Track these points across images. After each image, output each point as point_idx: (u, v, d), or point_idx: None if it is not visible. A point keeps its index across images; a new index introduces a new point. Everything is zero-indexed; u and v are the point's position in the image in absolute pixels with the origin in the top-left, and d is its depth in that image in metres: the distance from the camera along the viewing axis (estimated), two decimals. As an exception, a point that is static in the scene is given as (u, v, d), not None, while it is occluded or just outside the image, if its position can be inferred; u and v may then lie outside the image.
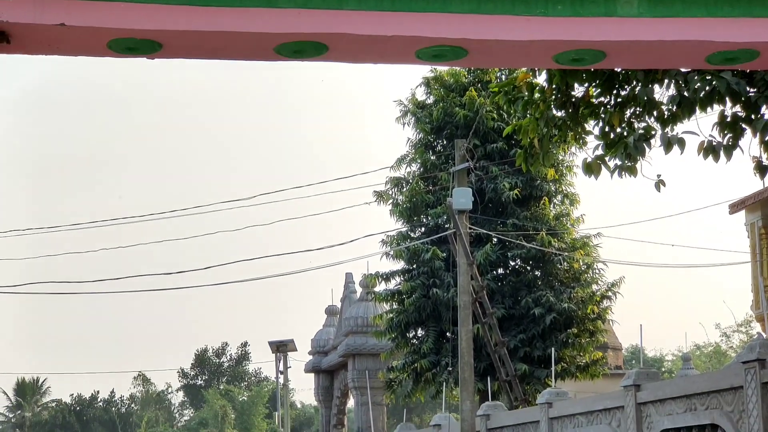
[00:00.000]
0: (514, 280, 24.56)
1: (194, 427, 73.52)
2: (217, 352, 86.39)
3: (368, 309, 28.64)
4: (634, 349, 58.66)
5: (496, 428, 19.50)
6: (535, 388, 23.06)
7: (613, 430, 15.13)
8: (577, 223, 25.12)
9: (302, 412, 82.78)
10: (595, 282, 24.73)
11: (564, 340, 23.83)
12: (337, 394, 32.29)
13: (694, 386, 13.23)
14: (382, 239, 25.32)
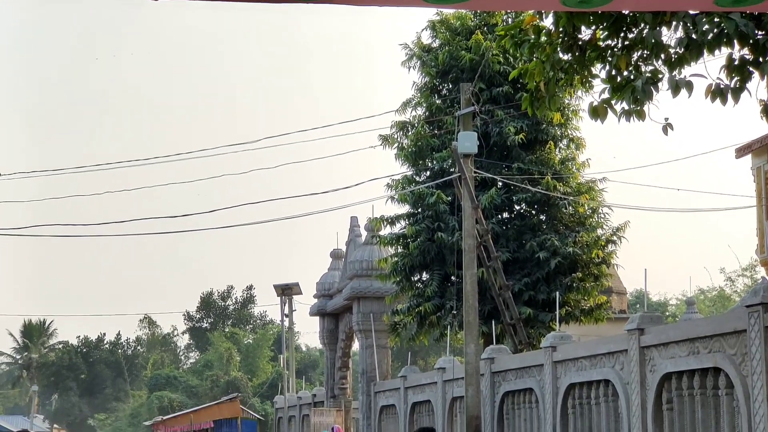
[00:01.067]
0: (519, 224, 24.58)
1: (200, 370, 74.09)
2: (222, 295, 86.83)
3: (373, 252, 28.70)
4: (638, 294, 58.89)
5: (500, 371, 19.63)
6: (539, 331, 23.17)
7: (617, 373, 15.23)
8: (582, 167, 25.07)
9: (307, 354, 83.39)
10: (600, 226, 24.74)
11: (568, 284, 23.90)
12: (341, 336, 32.46)
13: (698, 330, 13.29)
14: (387, 183, 25.34)
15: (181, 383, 72.40)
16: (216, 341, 74.68)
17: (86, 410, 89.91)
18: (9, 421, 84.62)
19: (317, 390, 35.97)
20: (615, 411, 15.48)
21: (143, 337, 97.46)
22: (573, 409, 16.77)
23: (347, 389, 32.79)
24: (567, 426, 16.87)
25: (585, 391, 16.40)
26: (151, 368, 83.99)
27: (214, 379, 69.68)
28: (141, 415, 71.24)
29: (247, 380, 69.85)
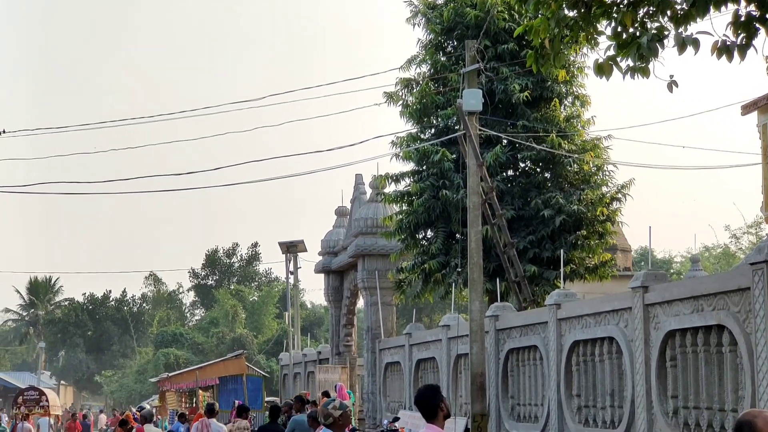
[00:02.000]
0: (524, 182, 24.57)
1: (205, 327, 74.39)
2: (227, 253, 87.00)
3: (378, 210, 28.72)
4: (643, 251, 58.91)
5: (505, 329, 19.71)
6: (543, 289, 23.23)
7: (621, 330, 15.28)
8: (587, 124, 25.01)
9: (312, 312, 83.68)
10: (605, 184, 24.72)
11: (573, 241, 23.92)
12: (346, 294, 32.56)
13: (702, 287, 13.31)
14: (392, 141, 25.31)
15: (187, 340, 72.74)
16: (221, 298, 74.92)
17: (93, 367, 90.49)
18: (16, 377, 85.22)
19: (322, 347, 36.14)
20: (619, 368, 15.55)
21: (149, 295, 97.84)
22: (577, 366, 16.84)
23: (352, 346, 32.95)
24: (571, 383, 16.96)
25: (589, 349, 16.46)
26: (157, 325, 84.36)
27: (220, 336, 69.99)
28: (147, 372, 71.67)
29: (252, 337, 70.16)
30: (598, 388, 16.21)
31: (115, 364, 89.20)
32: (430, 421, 8.80)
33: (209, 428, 18.01)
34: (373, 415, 28.31)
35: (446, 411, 8.84)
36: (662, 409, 14.10)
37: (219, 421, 28.45)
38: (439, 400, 8.79)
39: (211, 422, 18.27)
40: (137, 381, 76.45)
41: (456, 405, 21.70)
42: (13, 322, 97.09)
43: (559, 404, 17.14)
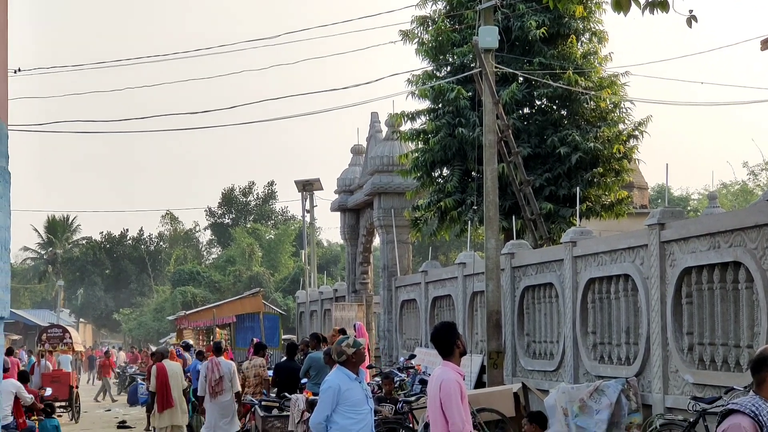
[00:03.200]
0: (540, 119, 24.46)
1: (222, 265, 74.79)
2: (244, 191, 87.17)
3: (394, 148, 28.68)
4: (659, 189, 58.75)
5: (521, 266, 19.75)
6: (559, 226, 23.23)
7: (636, 268, 15.29)
8: (604, 61, 24.82)
9: (328, 250, 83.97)
10: (622, 121, 24.59)
11: (589, 179, 23.86)
12: (362, 232, 32.64)
13: (719, 224, 13.28)
14: (407, 79, 25.21)
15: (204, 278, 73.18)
16: (238, 237, 75.22)
17: (111, 305, 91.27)
18: (36, 315, 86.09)
19: (338, 285, 36.32)
20: (634, 305, 15.59)
21: (166, 233, 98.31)
22: (593, 303, 16.89)
23: (368, 284, 33.10)
24: (586, 320, 17.02)
25: (605, 286, 16.49)
26: (174, 264, 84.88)
27: (237, 274, 70.38)
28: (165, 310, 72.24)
29: (269, 275, 70.53)
30: (614, 325, 16.27)
31: (133, 303, 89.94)
32: (446, 358, 8.87)
33: (219, 366, 18.12)
34: (389, 353, 28.52)
35: (462, 348, 8.91)
36: (677, 345, 14.16)
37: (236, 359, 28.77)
38: (455, 337, 8.85)
39: (220, 360, 18.37)
40: (155, 319, 77.10)
41: (472, 342, 21.83)
42: (32, 260, 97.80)
43: (575, 341, 17.22)
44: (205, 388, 18.04)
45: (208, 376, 18.09)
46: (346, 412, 9.51)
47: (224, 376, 17.95)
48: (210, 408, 18.02)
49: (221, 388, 17.94)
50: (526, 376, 19.05)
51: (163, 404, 18.91)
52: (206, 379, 18.08)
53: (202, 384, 18.11)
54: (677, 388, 14.11)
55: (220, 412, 17.98)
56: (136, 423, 27.86)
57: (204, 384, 18.10)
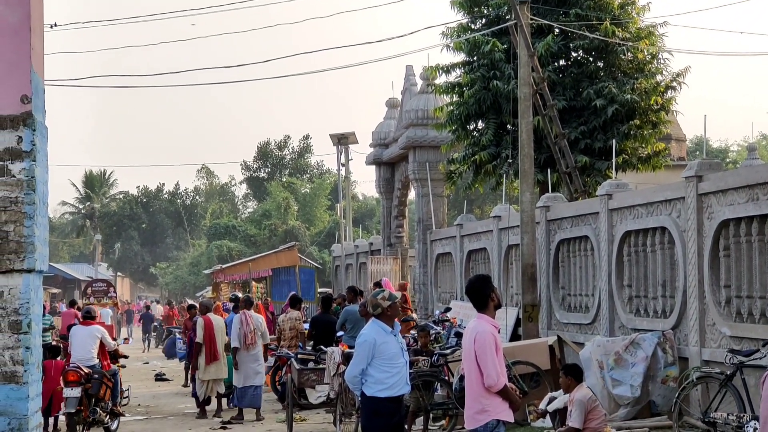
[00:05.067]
0: (576, 72, 24.25)
1: (257, 219, 75.05)
2: (279, 145, 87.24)
3: (428, 101, 28.58)
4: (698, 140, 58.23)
5: (556, 219, 19.68)
6: (595, 179, 23.10)
7: (673, 221, 15.20)
8: (642, 11, 24.53)
9: (364, 203, 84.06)
10: (660, 72, 24.32)
11: (626, 131, 23.66)
12: (397, 185, 32.63)
13: (758, 176, 13.15)
14: (442, 31, 25.07)
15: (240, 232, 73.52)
16: (273, 191, 75.40)
17: (148, 259, 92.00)
18: (75, 268, 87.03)
19: (374, 239, 36.41)
20: (671, 258, 15.51)
21: (201, 187, 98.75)
22: (628, 256, 16.82)
23: (404, 237, 33.14)
24: (622, 273, 16.96)
25: (641, 239, 16.41)
26: (210, 218, 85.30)
27: (272, 228, 70.63)
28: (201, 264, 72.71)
29: (304, 229, 70.74)
30: (650, 279, 16.20)
31: (169, 257, 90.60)
32: (481, 311, 8.87)
33: (251, 319, 18.67)
34: (425, 306, 28.60)
35: (497, 301, 8.90)
36: (714, 299, 14.09)
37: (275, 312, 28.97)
38: (489, 290, 8.85)
39: (252, 313, 18.92)
40: (191, 273, 77.64)
41: (507, 296, 21.84)
42: (70, 215, 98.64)
43: (610, 294, 17.18)
44: (240, 340, 18.45)
45: (243, 328, 18.49)
46: (381, 365, 9.55)
47: (256, 329, 18.55)
48: (243, 359, 18.50)
49: (253, 340, 18.51)
50: (562, 329, 19.06)
51: (210, 357, 19.15)
52: (240, 332, 18.48)
53: (237, 335, 18.52)
54: (714, 341, 14.06)
55: (252, 362, 18.54)
56: (173, 376, 28.18)
57: (240, 336, 18.47)
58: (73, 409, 15.58)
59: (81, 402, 15.77)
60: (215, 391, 19.54)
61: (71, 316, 26.98)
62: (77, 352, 16.47)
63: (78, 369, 15.88)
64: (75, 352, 16.52)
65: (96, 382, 16.10)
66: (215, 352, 19.23)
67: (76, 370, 15.82)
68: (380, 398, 9.57)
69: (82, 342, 16.51)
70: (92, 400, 16.04)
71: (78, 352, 16.44)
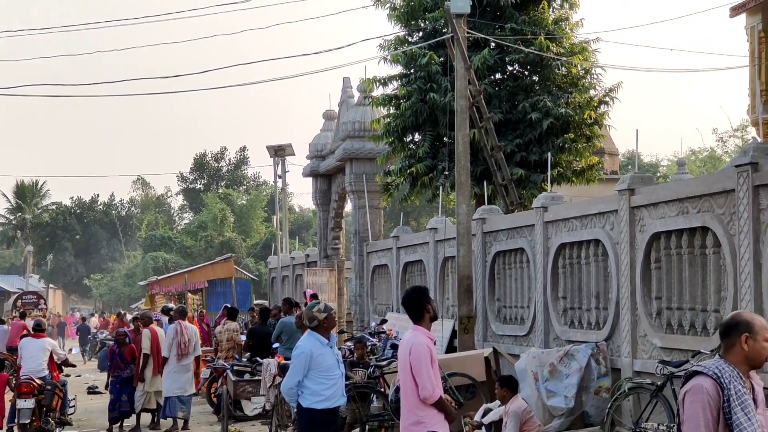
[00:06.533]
0: (512, 85, 24.48)
1: (194, 230, 74.58)
2: (215, 157, 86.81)
3: (365, 113, 28.62)
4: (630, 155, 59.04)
5: (492, 232, 19.82)
6: (530, 192, 23.31)
7: (607, 233, 15.40)
8: (576, 27, 24.85)
9: (300, 215, 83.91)
10: (593, 87, 24.65)
11: (560, 144, 23.93)
12: (334, 197, 32.62)
13: (687, 190, 13.38)
14: (379, 44, 25.15)
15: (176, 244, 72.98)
16: (210, 202, 74.98)
17: (82, 270, 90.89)
18: (5, 280, 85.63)
19: (310, 250, 36.34)
20: (604, 270, 15.70)
21: (137, 199, 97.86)
22: (563, 268, 17.00)
23: (340, 249, 33.13)
24: (557, 285, 17.14)
25: (575, 251, 16.60)
26: (146, 229, 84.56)
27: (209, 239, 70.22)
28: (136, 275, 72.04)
29: (241, 241, 70.42)
30: (584, 290, 16.39)
31: (103, 268, 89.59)
32: (417, 322, 8.92)
33: (186, 330, 18.65)
34: (361, 318, 28.61)
35: (433, 313, 8.95)
36: (646, 310, 14.29)
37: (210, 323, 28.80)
38: (426, 302, 8.89)
39: (186, 324, 18.91)
40: (126, 284, 76.88)
41: (443, 307, 21.93)
42: (1, 226, 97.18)
43: (545, 306, 17.34)
44: (171, 350, 18.40)
45: (177, 338, 18.43)
46: (317, 377, 9.56)
47: (191, 339, 18.55)
48: (175, 369, 18.48)
49: (186, 351, 18.49)
50: (497, 341, 19.19)
51: (158, 368, 19.04)
52: (174, 342, 18.43)
53: (170, 345, 18.48)
54: (645, 353, 14.26)
55: (184, 372, 18.51)
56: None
57: (173, 347, 18.41)
58: (27, 420, 16.02)
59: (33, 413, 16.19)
60: (154, 403, 19.39)
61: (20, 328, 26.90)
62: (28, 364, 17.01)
63: (31, 381, 16.29)
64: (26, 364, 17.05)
65: (49, 393, 16.54)
66: (161, 363, 19.13)
67: (29, 382, 16.24)
68: (316, 410, 9.58)
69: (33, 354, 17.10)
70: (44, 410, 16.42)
71: (29, 364, 16.99)
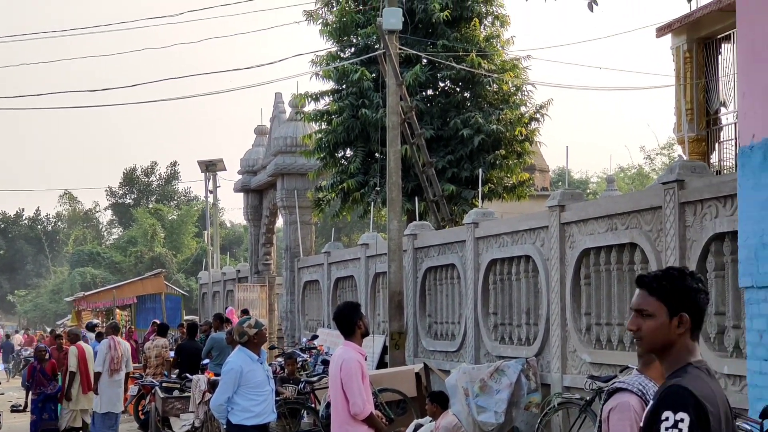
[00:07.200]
0: (443, 102, 24.60)
1: (123, 246, 73.78)
2: (146, 171, 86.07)
3: (297, 129, 28.57)
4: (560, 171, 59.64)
5: (423, 247, 19.85)
6: (462, 208, 23.41)
7: (537, 249, 15.49)
8: (507, 44, 25.07)
9: (232, 231, 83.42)
10: (524, 104, 24.88)
11: (492, 161, 24.09)
12: (265, 213, 32.48)
13: (616, 206, 13.52)
14: (311, 59, 25.15)
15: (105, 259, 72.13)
16: (140, 217, 74.25)
17: (6, 286, 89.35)
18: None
19: (241, 266, 36.13)
20: (535, 286, 15.79)
21: (64, 213, 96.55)
22: (494, 284, 17.07)
23: (271, 265, 32.97)
24: (488, 300, 17.20)
25: (506, 267, 16.67)
26: (73, 244, 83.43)
27: (138, 255, 69.50)
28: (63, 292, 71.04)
29: (171, 256, 69.82)
30: (514, 306, 16.46)
31: (29, 284, 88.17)
32: (348, 338, 8.88)
33: (119, 345, 18.36)
34: (292, 333, 28.47)
35: (364, 329, 8.92)
36: (576, 326, 14.40)
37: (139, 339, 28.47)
38: (357, 318, 8.87)
39: (119, 340, 18.63)
40: (52, 300, 75.75)
41: (374, 323, 21.90)
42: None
43: (476, 322, 17.39)
44: (104, 366, 18.10)
45: (111, 353, 18.14)
46: (247, 393, 9.48)
47: (123, 355, 18.26)
48: (107, 385, 18.18)
49: (119, 366, 18.21)
50: (428, 357, 19.19)
51: (86, 386, 18.71)
52: (107, 357, 18.15)
53: (103, 360, 18.18)
54: (575, 368, 14.36)
55: (115, 388, 18.22)
56: (31, 407, 27.36)
57: (106, 361, 18.13)
58: None
59: None
60: (80, 421, 19.07)
61: None
62: None
63: None
64: None
65: None
66: (90, 380, 18.82)
67: None
68: (246, 426, 9.49)
69: None
70: None
71: None
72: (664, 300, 3.81)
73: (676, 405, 3.65)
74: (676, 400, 3.66)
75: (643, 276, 3.91)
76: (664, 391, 3.75)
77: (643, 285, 3.88)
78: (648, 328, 3.82)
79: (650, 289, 3.84)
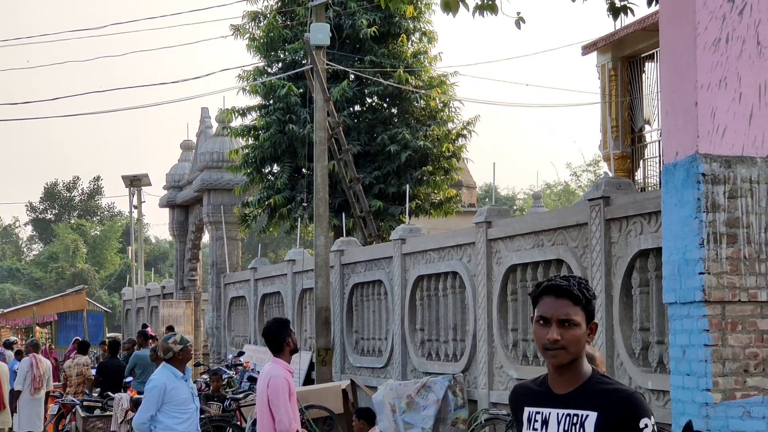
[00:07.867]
0: (371, 117, 24.62)
1: (44, 262, 72.61)
2: (68, 186, 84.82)
3: (224, 144, 28.37)
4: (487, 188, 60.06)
5: (350, 263, 19.80)
6: (389, 224, 23.42)
7: (464, 265, 15.53)
8: (434, 61, 25.20)
9: (157, 246, 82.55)
10: (451, 120, 25.00)
11: (419, 177, 24.15)
12: (191, 228, 32.20)
13: (542, 223, 13.60)
14: (238, 74, 25.03)
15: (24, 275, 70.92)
16: (61, 233, 73.16)
17: None
18: None
19: (166, 282, 35.73)
20: (462, 302, 15.82)
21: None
22: (421, 300, 17.07)
23: (197, 281, 32.68)
24: (415, 317, 17.19)
25: (433, 283, 16.69)
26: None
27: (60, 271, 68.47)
28: (-18, 308, 69.64)
29: (94, 272, 68.89)
30: (441, 323, 16.48)
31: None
32: (276, 355, 8.78)
33: (41, 363, 17.99)
34: (218, 350, 28.20)
35: (293, 346, 8.83)
36: (502, 342, 14.44)
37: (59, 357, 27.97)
38: (286, 334, 8.77)
39: (41, 358, 18.27)
40: (-29, 317, 74.19)
41: (301, 339, 21.77)
42: None
43: (403, 338, 17.37)
44: (26, 384, 17.71)
45: (33, 372, 17.77)
46: (171, 411, 9.31)
47: (45, 373, 17.89)
48: (28, 404, 17.80)
49: (41, 385, 17.85)
50: (355, 373, 19.12)
51: (3, 404, 18.26)
52: (29, 375, 17.77)
53: (24, 378, 17.79)
54: (502, 384, 14.39)
55: (36, 407, 17.85)
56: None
57: (27, 379, 17.74)
58: None
59: None
60: (-6, 440, 18.64)
61: None
62: None
63: None
64: None
65: None
66: (3, 399, 18.38)
67: None
68: (170, 445, 9.32)
69: None
70: None
71: None
72: (585, 309, 3.79)
73: (647, 410, 3.67)
74: (644, 406, 3.67)
75: (559, 285, 3.81)
76: (629, 399, 3.70)
77: (564, 294, 3.80)
78: (574, 337, 3.77)
79: (575, 299, 3.79)
